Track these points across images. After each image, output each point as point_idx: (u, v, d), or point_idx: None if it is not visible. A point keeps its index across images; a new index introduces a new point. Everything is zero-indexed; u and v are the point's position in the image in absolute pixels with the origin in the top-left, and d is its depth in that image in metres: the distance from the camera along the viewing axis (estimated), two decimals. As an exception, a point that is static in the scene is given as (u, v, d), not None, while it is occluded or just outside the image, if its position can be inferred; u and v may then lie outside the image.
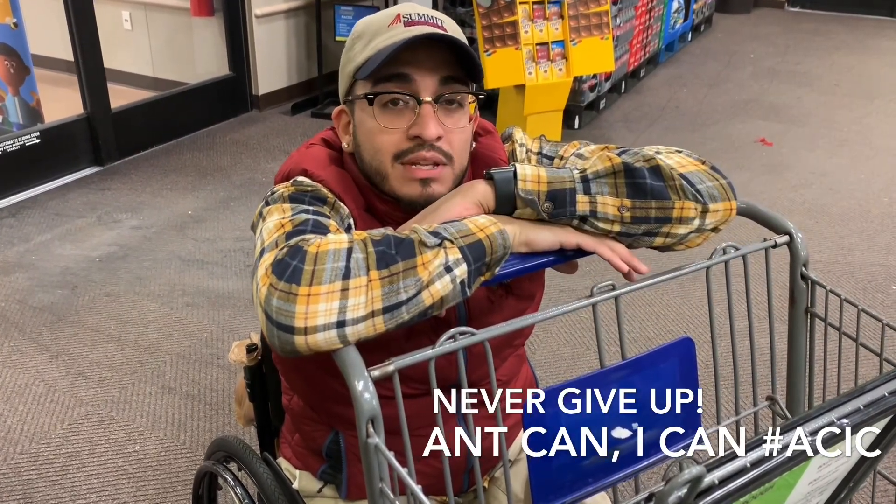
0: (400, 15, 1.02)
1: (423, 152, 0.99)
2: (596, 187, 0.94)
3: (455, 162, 1.03)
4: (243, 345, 1.39)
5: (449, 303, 0.86)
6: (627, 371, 0.90)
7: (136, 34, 5.43)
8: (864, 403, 0.72)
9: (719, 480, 0.63)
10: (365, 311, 0.80)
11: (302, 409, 1.21)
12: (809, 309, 1.10)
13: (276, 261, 0.83)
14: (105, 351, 2.69)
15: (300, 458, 1.26)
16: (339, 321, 0.79)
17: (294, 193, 0.98)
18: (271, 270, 0.82)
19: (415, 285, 0.82)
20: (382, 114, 1.01)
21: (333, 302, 0.79)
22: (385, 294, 0.81)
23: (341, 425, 1.16)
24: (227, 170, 4.25)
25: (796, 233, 1.07)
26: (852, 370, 1.06)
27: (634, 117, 5.12)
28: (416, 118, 0.99)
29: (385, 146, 1.01)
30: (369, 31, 1.03)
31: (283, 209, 0.94)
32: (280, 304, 0.79)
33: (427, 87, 0.99)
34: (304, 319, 0.79)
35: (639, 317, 2.92)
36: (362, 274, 0.81)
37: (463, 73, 1.02)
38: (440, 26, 1.02)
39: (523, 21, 4.24)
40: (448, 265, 0.85)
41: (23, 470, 2.17)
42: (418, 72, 0.99)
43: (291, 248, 0.83)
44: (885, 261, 3.35)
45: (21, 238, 3.47)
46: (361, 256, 0.82)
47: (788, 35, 7.39)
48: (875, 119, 5.12)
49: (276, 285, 0.80)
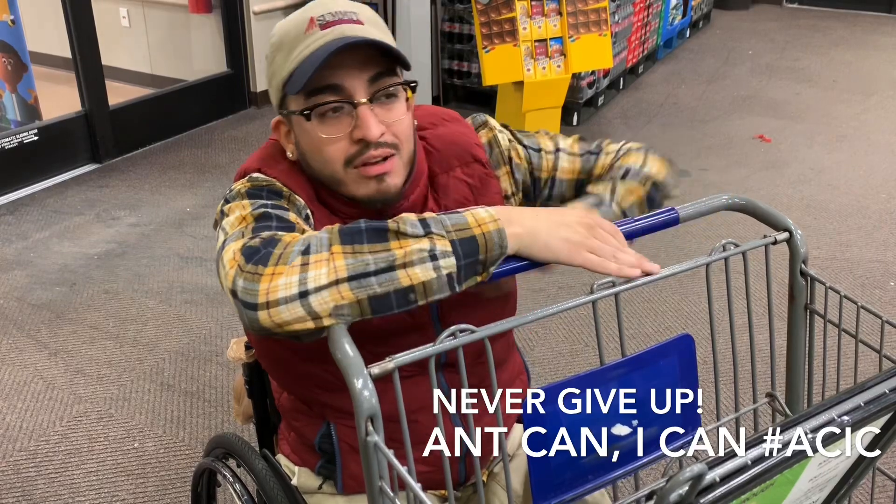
0: (313, 18, 1.01)
1: (372, 151, 1.01)
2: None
3: (402, 148, 1.04)
4: (242, 342, 1.39)
5: (434, 292, 0.85)
6: (627, 368, 0.90)
7: (134, 31, 5.42)
8: (865, 400, 0.72)
9: (720, 478, 0.63)
10: (328, 280, 0.82)
11: (292, 405, 1.22)
12: (809, 305, 1.09)
13: (246, 246, 0.87)
14: (104, 348, 2.69)
15: (298, 454, 1.25)
16: (300, 292, 0.82)
17: (251, 189, 1.02)
18: (240, 254, 0.87)
19: (385, 260, 0.83)
20: (322, 125, 1.01)
21: (293, 276, 0.82)
22: (350, 264, 0.83)
23: (331, 414, 1.16)
24: (226, 167, 4.24)
25: (796, 229, 1.07)
26: (852, 367, 1.06)
27: (633, 114, 5.12)
28: (355, 122, 1.00)
29: (334, 155, 1.02)
30: (287, 41, 1.02)
31: (243, 205, 0.98)
32: (245, 284, 0.84)
33: (359, 90, 1.00)
34: (265, 295, 0.82)
35: (637, 314, 2.92)
36: (324, 250, 0.84)
37: (390, 65, 1.02)
38: (356, 20, 1.02)
39: (522, 17, 4.23)
40: (434, 253, 0.84)
41: (22, 467, 2.17)
42: (347, 77, 0.99)
43: (265, 239, 0.88)
44: (884, 257, 3.35)
45: (19, 235, 3.46)
46: (326, 237, 0.86)
47: (787, 31, 7.39)
48: (873, 115, 5.12)
49: (243, 267, 0.85)
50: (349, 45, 0.97)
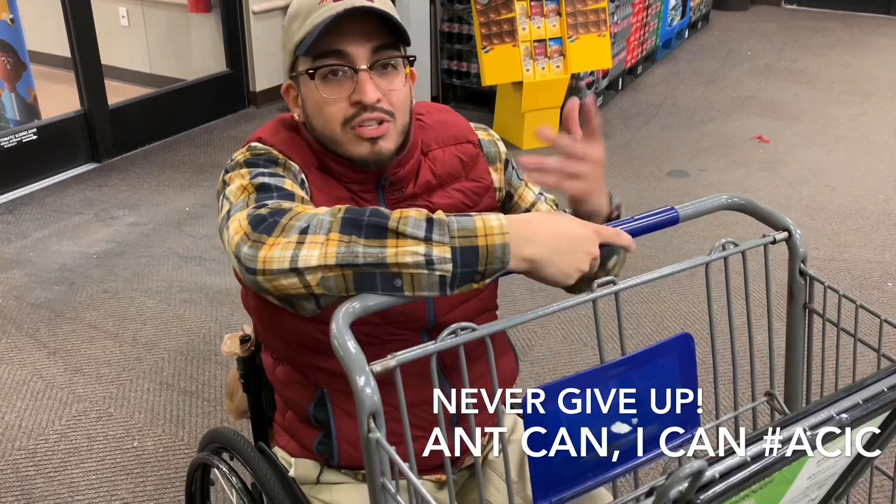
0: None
1: (367, 114, 1.09)
2: None
3: (397, 118, 1.12)
4: (236, 337, 1.39)
5: (422, 289, 0.86)
6: (627, 367, 0.90)
7: (133, 30, 5.42)
8: (863, 398, 0.72)
9: (720, 475, 0.63)
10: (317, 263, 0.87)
11: (285, 376, 1.24)
12: (808, 305, 1.10)
13: (254, 215, 0.93)
14: (103, 347, 2.69)
15: (295, 436, 1.26)
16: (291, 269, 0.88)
17: (249, 158, 1.09)
18: (246, 222, 0.93)
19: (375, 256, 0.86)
20: (325, 86, 1.10)
21: (288, 251, 0.88)
22: (340, 253, 0.87)
23: (323, 380, 1.18)
24: (225, 166, 4.24)
25: (795, 229, 1.07)
26: (850, 366, 1.07)
27: (632, 114, 5.12)
28: (355, 86, 1.08)
29: (333, 115, 1.10)
30: (303, 10, 1.11)
31: (241, 174, 1.05)
32: (248, 250, 0.90)
33: (361, 57, 1.08)
34: (263, 262, 0.89)
35: (636, 314, 2.92)
36: (321, 232, 0.89)
37: (394, 39, 1.11)
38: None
39: (521, 18, 4.24)
40: (430, 258, 0.85)
41: (21, 466, 2.17)
42: (352, 44, 1.08)
43: (273, 209, 0.94)
44: (881, 258, 3.36)
45: (18, 234, 3.46)
46: (328, 220, 0.90)
47: (785, 32, 7.40)
48: (871, 116, 5.13)
49: (249, 235, 0.91)
50: (356, 12, 1.06)
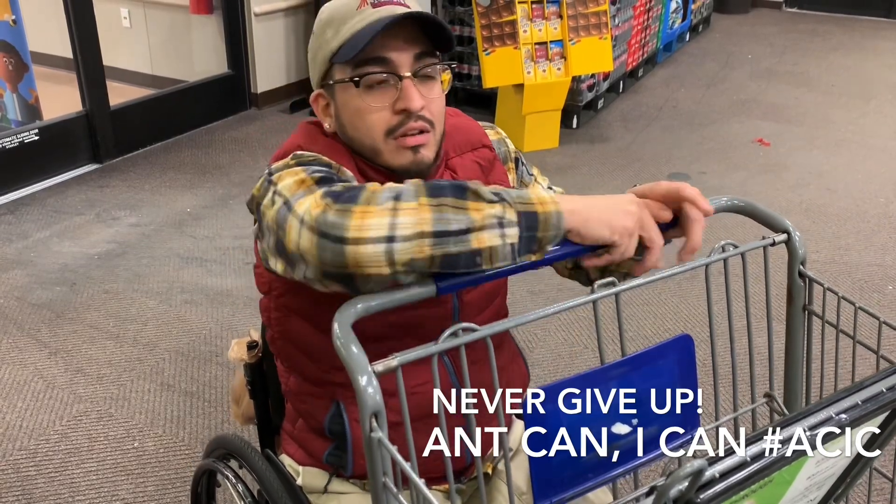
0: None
1: (412, 123, 1.07)
2: None
3: (436, 126, 1.11)
4: (243, 342, 1.39)
5: (498, 259, 0.86)
6: (627, 368, 0.90)
7: (135, 32, 5.43)
8: (863, 399, 0.72)
9: (720, 474, 0.64)
10: (413, 230, 0.83)
11: (300, 387, 1.22)
12: (807, 307, 1.10)
13: (331, 191, 0.88)
14: (104, 348, 2.70)
15: (305, 446, 1.25)
16: (388, 236, 0.83)
17: (298, 162, 1.02)
18: (327, 196, 0.87)
19: (465, 221, 0.85)
20: (368, 94, 1.07)
21: (384, 218, 0.84)
22: (434, 219, 0.84)
23: (341, 394, 1.17)
24: (226, 167, 4.25)
25: (794, 231, 1.07)
26: (849, 368, 1.07)
27: (632, 117, 5.13)
28: (399, 94, 1.06)
29: (376, 123, 1.07)
30: (338, 17, 1.08)
31: (295, 171, 0.96)
32: (335, 219, 0.84)
33: (404, 64, 1.07)
34: (357, 230, 0.83)
35: (636, 315, 2.92)
36: (412, 199, 0.86)
37: (433, 47, 1.09)
38: (403, 3, 1.09)
39: (522, 20, 4.25)
40: (502, 221, 0.86)
41: (21, 466, 2.18)
42: (395, 52, 1.06)
43: (345, 187, 0.89)
44: (882, 261, 3.36)
45: (20, 235, 3.47)
46: (412, 189, 0.87)
47: (786, 35, 7.41)
48: (872, 119, 5.13)
49: (331, 206, 0.86)
50: (403, 18, 1.04)
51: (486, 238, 0.85)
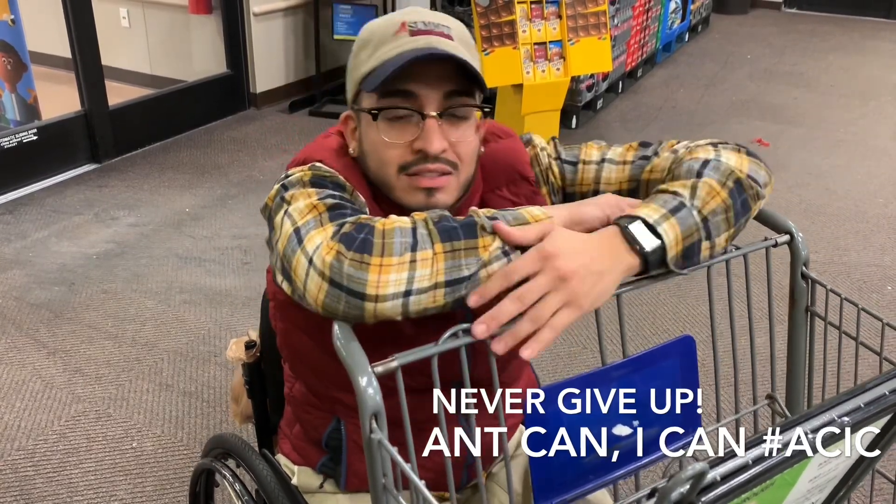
0: (405, 23, 1.01)
1: (428, 164, 1.00)
2: (714, 229, 0.93)
3: (462, 170, 1.03)
4: (241, 342, 1.38)
5: None
6: (628, 369, 0.90)
7: (134, 31, 5.42)
8: (865, 402, 0.72)
9: (721, 477, 0.63)
10: (429, 283, 0.83)
11: (304, 397, 1.21)
12: (809, 308, 1.10)
13: (341, 233, 0.85)
14: (102, 348, 2.69)
15: (300, 451, 1.25)
16: (406, 290, 0.82)
17: (313, 178, 0.98)
18: (338, 240, 0.84)
19: (476, 264, 0.84)
20: (388, 128, 1.01)
21: (403, 273, 0.82)
22: (448, 268, 0.83)
23: (342, 412, 1.16)
24: (225, 167, 4.24)
25: (797, 232, 1.07)
26: (851, 370, 1.07)
27: (631, 117, 5.13)
28: (420, 133, 1.00)
29: (390, 159, 1.02)
30: (375, 39, 1.03)
31: (308, 193, 0.94)
32: (352, 271, 0.82)
33: (431, 102, 1.00)
34: (375, 287, 0.82)
35: (636, 316, 2.92)
36: (428, 247, 0.84)
37: (468, 86, 1.02)
38: (446, 34, 1.02)
39: (521, 20, 4.24)
40: (505, 249, 0.86)
41: (20, 466, 2.17)
42: (422, 87, 0.99)
43: (356, 224, 0.86)
44: (881, 261, 3.36)
45: (18, 235, 3.46)
46: (425, 232, 0.85)
47: (785, 36, 7.41)
48: (871, 120, 5.13)
49: (345, 254, 0.83)
50: (432, 56, 0.97)
51: (495, 270, 0.85)
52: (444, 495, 1.23)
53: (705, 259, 0.94)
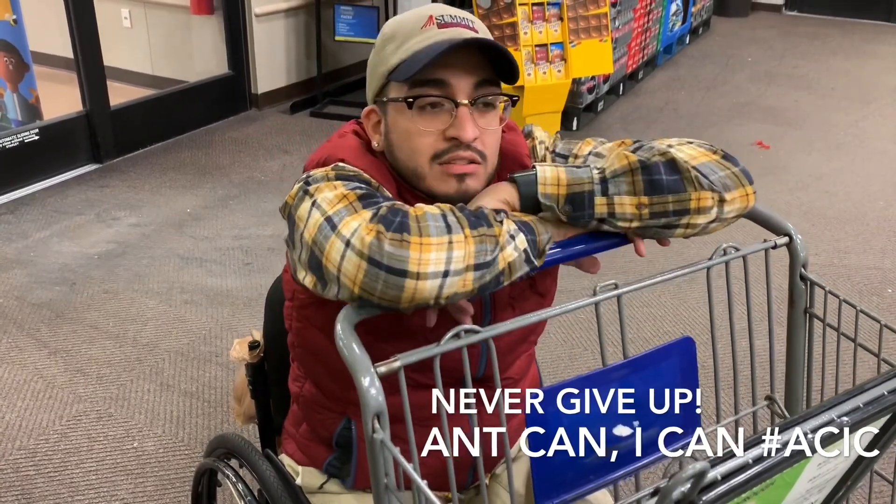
0: (433, 17, 1.04)
1: (461, 152, 1.02)
2: (614, 187, 0.95)
3: (488, 161, 1.05)
4: (245, 342, 1.39)
5: (516, 271, 0.89)
6: (628, 370, 0.91)
7: (136, 32, 5.43)
8: (864, 402, 0.73)
9: (722, 476, 0.64)
10: (463, 265, 0.84)
11: (314, 396, 1.21)
12: (808, 310, 1.11)
13: (380, 215, 0.85)
14: (103, 348, 2.69)
15: (305, 450, 1.26)
16: (445, 271, 0.84)
17: (338, 174, 0.98)
18: (377, 221, 0.85)
19: (494, 249, 0.87)
20: (420, 116, 1.03)
21: (442, 252, 0.84)
22: (477, 252, 0.85)
23: (353, 412, 1.16)
24: (226, 168, 4.25)
25: (796, 234, 1.08)
26: (850, 371, 1.07)
27: (632, 119, 5.14)
28: (453, 120, 1.02)
29: (423, 148, 1.03)
30: (401, 33, 1.05)
31: (335, 185, 0.94)
32: (392, 249, 0.82)
33: (463, 91, 1.02)
34: (417, 265, 0.82)
35: (636, 318, 2.93)
36: (460, 232, 0.86)
37: (496, 76, 1.04)
38: (471, 27, 1.05)
39: (523, 22, 4.25)
40: (511, 234, 0.89)
41: (21, 466, 2.17)
42: (455, 76, 1.01)
43: (391, 208, 0.87)
44: (881, 264, 3.36)
45: (19, 235, 3.47)
46: (454, 218, 0.87)
47: (786, 39, 7.42)
48: (871, 123, 5.14)
49: (384, 233, 0.83)
50: (470, 43, 1.00)
51: (508, 254, 0.88)
52: (448, 496, 1.24)
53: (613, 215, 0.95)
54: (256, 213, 3.71)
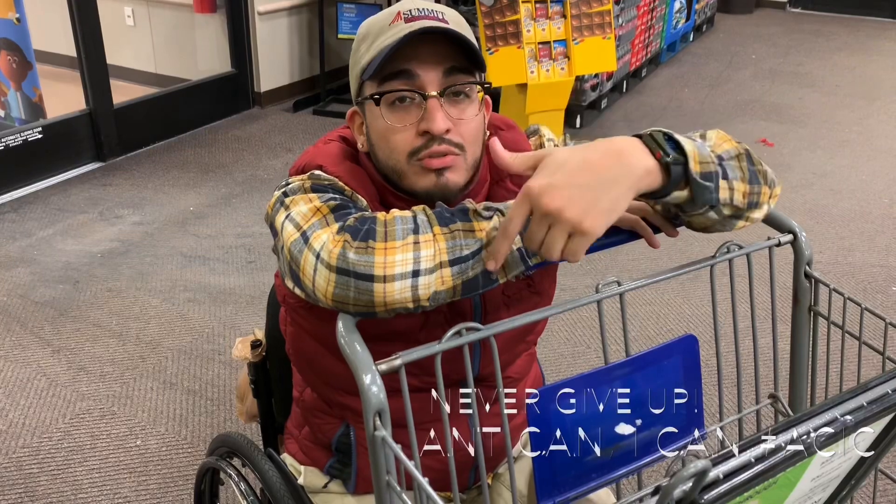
0: (400, 12, 1.03)
1: (436, 146, 1.00)
2: (730, 170, 0.89)
3: (468, 151, 1.03)
4: (247, 341, 1.39)
5: (512, 269, 0.86)
6: (631, 368, 0.90)
7: (139, 30, 5.43)
8: (868, 400, 0.72)
9: (724, 475, 0.63)
10: (434, 263, 0.84)
11: (313, 402, 1.21)
12: (813, 307, 1.10)
13: (346, 226, 0.87)
14: (106, 346, 2.70)
15: (307, 452, 1.26)
16: (413, 270, 0.83)
17: (314, 185, 0.99)
18: (343, 232, 0.86)
19: (475, 244, 0.85)
20: (391, 112, 1.01)
21: (408, 253, 0.84)
22: (449, 248, 0.84)
23: (351, 417, 1.17)
24: (229, 166, 4.25)
25: (800, 231, 1.07)
26: (854, 369, 1.07)
27: (636, 117, 5.12)
28: (423, 113, 1.00)
29: (399, 145, 1.02)
30: (373, 32, 1.04)
31: (309, 198, 0.95)
32: (358, 257, 0.83)
33: (432, 81, 1.00)
34: (382, 268, 0.83)
35: (639, 315, 2.92)
36: (428, 231, 0.85)
37: (467, 64, 1.02)
38: (441, 19, 1.03)
39: (526, 20, 4.24)
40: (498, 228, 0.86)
41: (24, 464, 2.18)
42: (421, 66, 1.00)
43: (359, 218, 0.88)
44: (886, 262, 3.35)
45: (23, 233, 3.47)
46: (424, 218, 0.87)
47: (790, 36, 7.39)
48: (876, 120, 5.12)
49: (351, 243, 0.84)
50: (428, 32, 0.98)
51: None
52: (450, 496, 1.23)
53: (726, 202, 0.87)
54: (259, 212, 3.71)
